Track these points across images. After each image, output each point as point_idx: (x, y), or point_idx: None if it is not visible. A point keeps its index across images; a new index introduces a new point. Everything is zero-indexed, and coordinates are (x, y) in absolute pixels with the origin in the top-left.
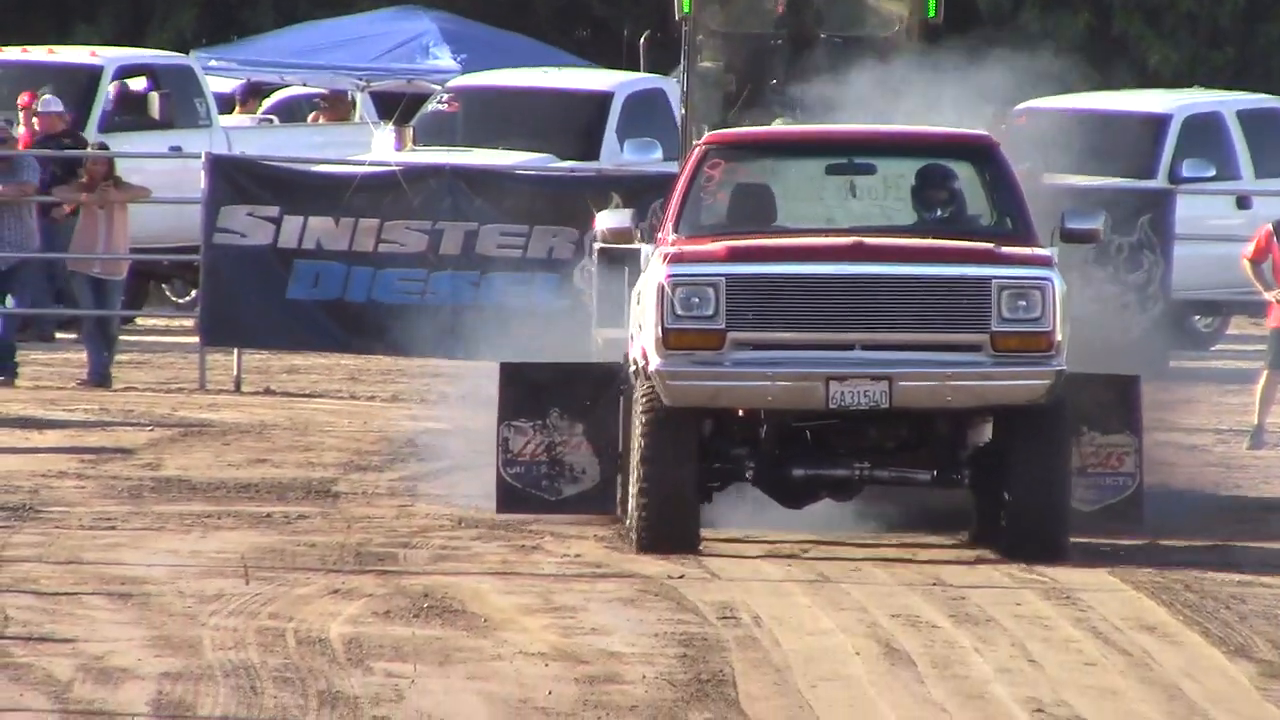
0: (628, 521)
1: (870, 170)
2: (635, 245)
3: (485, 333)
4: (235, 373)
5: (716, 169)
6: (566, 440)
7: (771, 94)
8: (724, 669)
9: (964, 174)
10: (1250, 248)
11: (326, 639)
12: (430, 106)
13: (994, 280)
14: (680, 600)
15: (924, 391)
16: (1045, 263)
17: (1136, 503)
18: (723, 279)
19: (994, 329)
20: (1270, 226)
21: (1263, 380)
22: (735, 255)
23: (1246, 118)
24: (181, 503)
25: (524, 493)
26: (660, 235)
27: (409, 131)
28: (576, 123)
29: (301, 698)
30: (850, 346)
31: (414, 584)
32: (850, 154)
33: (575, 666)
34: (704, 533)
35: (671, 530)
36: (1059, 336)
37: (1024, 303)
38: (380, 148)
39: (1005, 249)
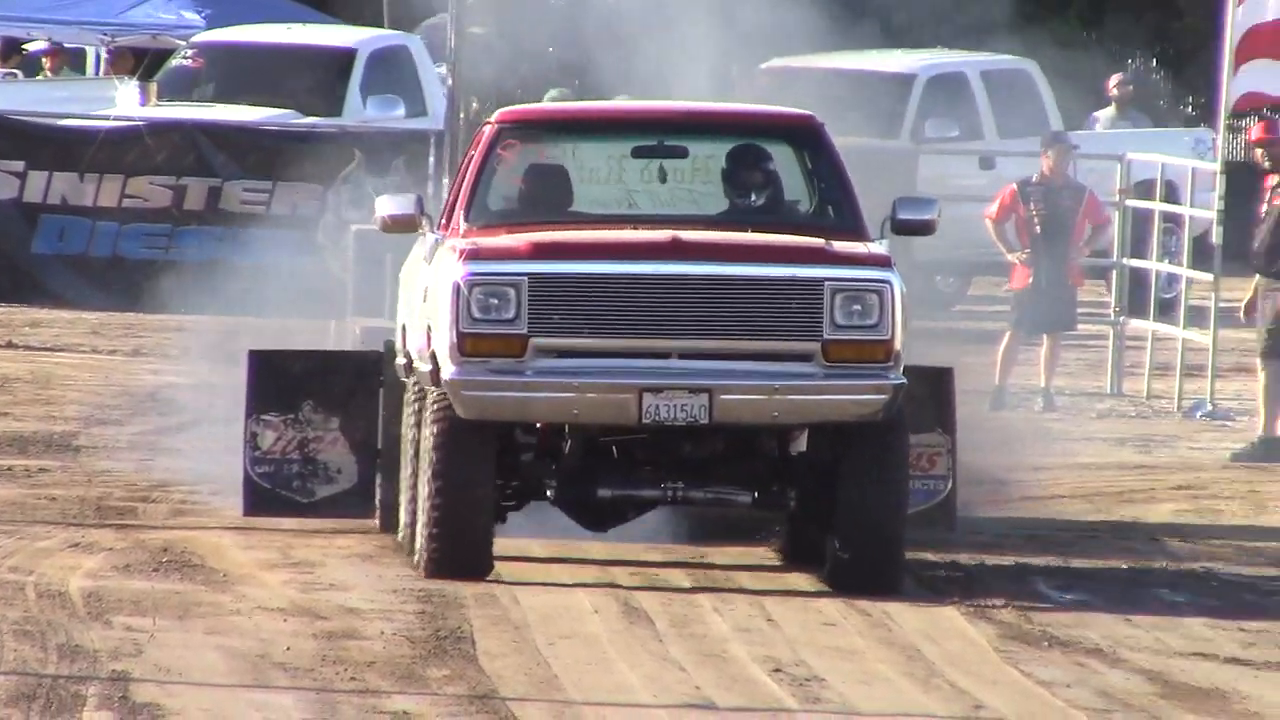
0: (400, 535)
1: (682, 153)
2: (420, 232)
3: (230, 288)
4: None
5: (510, 150)
6: (320, 436)
7: (548, 62)
8: (462, 626)
9: (785, 157)
10: (993, 208)
11: (66, 592)
12: (174, 62)
13: (827, 282)
14: None
15: (748, 406)
16: (883, 262)
17: (949, 509)
18: (525, 278)
19: (826, 337)
20: (1014, 186)
21: (1005, 341)
22: (539, 252)
23: (990, 78)
24: None
25: (273, 494)
26: (448, 223)
27: (153, 87)
28: (320, 79)
29: (41, 651)
30: (667, 355)
31: (154, 538)
32: (660, 134)
33: (314, 622)
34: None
35: (463, 554)
36: (898, 345)
37: (859, 307)
38: (125, 103)
39: (839, 246)
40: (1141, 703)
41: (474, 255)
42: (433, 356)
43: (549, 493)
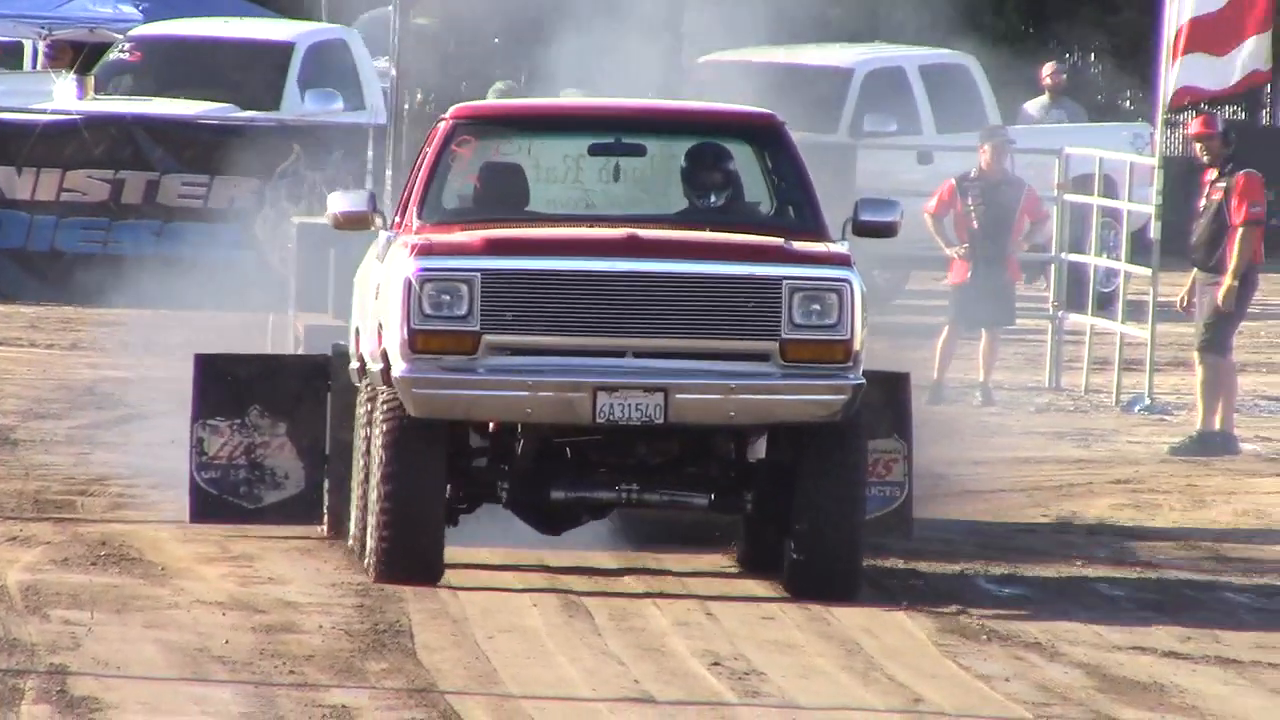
0: (350, 541)
1: (639, 151)
2: (374, 229)
3: (168, 282)
4: None
5: (465, 147)
6: (267, 441)
7: (493, 54)
8: (401, 619)
9: (745, 157)
10: (932, 202)
11: (4, 586)
12: (112, 55)
13: (785, 280)
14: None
15: (704, 406)
16: (843, 261)
17: (905, 515)
18: (478, 274)
19: (784, 336)
20: (953, 181)
21: (943, 336)
22: (492, 247)
23: (929, 72)
24: None
25: (220, 500)
26: (401, 220)
27: (91, 80)
28: (258, 73)
29: None
30: (622, 353)
31: (92, 532)
32: (617, 132)
33: (252, 615)
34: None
35: (414, 558)
36: (857, 346)
37: (818, 307)
38: (62, 97)
39: (798, 245)
40: (1080, 696)
41: (426, 251)
42: (384, 355)
43: (501, 495)
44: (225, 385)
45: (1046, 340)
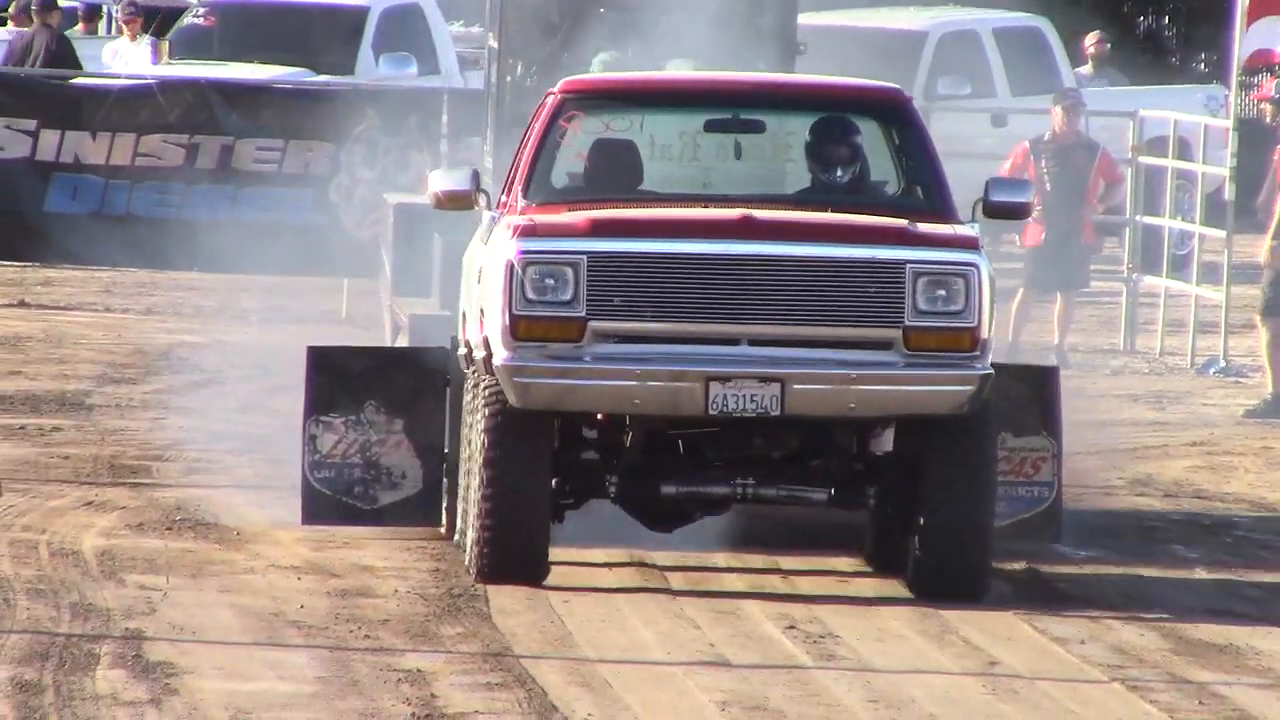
0: (456, 538)
1: (758, 127)
2: (475, 209)
3: (242, 246)
4: None
5: (573, 122)
6: (384, 439)
7: (598, 25)
8: (476, 583)
9: (869, 133)
10: (1006, 166)
11: (79, 551)
12: (186, 20)
13: (909, 264)
14: None
15: (823, 397)
16: (970, 245)
17: (1054, 516)
18: (584, 257)
19: (908, 323)
20: (1027, 144)
21: (1017, 299)
22: (599, 228)
23: (1002, 35)
24: None
25: (334, 500)
26: (506, 200)
27: (165, 45)
28: (332, 37)
29: (54, 609)
30: (736, 341)
31: (167, 497)
32: (735, 107)
33: (327, 580)
34: None
35: (518, 556)
36: (985, 334)
37: (944, 292)
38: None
39: (923, 226)
40: (1155, 659)
41: (529, 232)
42: (485, 341)
43: (610, 490)
44: (339, 380)
45: (1121, 303)
